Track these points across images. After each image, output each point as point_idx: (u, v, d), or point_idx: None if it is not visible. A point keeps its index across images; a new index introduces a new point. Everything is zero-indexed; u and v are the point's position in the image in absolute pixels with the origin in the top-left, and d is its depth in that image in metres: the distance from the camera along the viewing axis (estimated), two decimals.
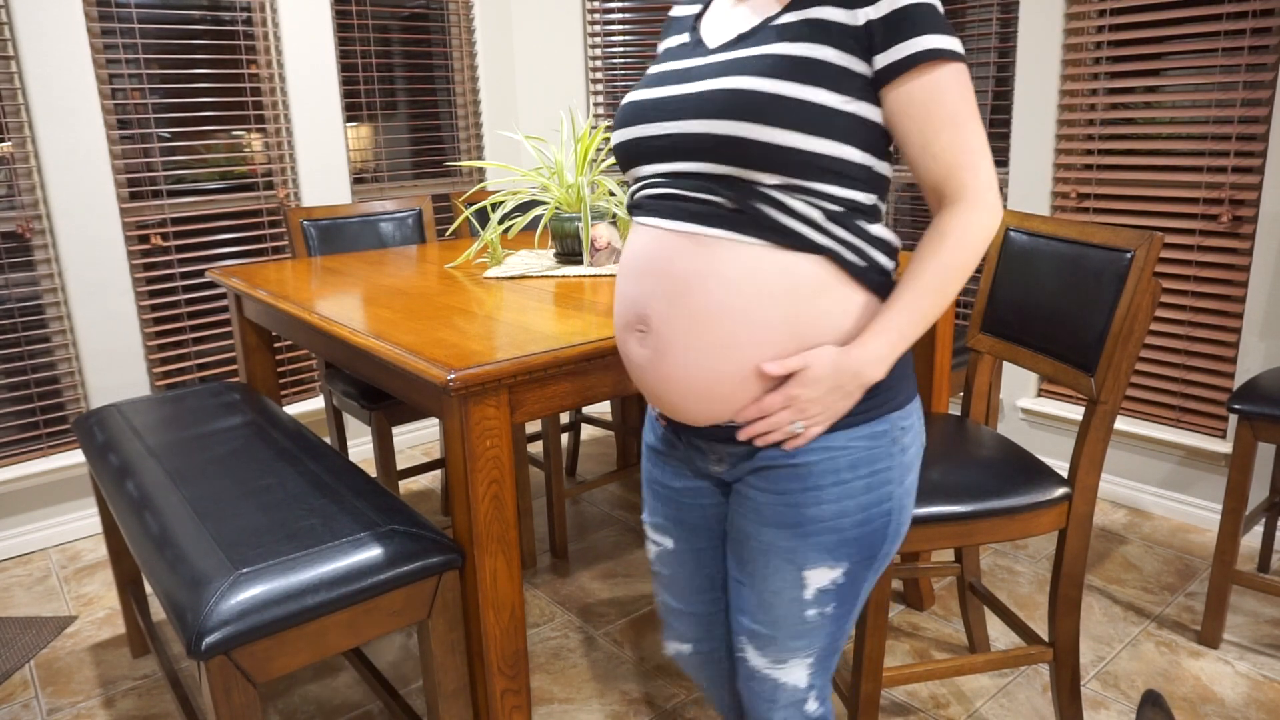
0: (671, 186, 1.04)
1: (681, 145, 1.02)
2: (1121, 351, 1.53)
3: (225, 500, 1.55)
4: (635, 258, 1.08)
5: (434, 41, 3.51)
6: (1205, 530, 2.63)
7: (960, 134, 0.98)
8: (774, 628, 1.12)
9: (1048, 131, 2.78)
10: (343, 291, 1.97)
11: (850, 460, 1.04)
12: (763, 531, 1.09)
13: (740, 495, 1.12)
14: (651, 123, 1.06)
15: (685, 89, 1.03)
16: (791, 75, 0.95)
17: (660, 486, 1.24)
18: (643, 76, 1.14)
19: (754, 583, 1.12)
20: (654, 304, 1.03)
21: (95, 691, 2.06)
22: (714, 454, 1.13)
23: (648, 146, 1.06)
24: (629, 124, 1.09)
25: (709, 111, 0.98)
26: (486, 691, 1.50)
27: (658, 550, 1.29)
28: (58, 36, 2.62)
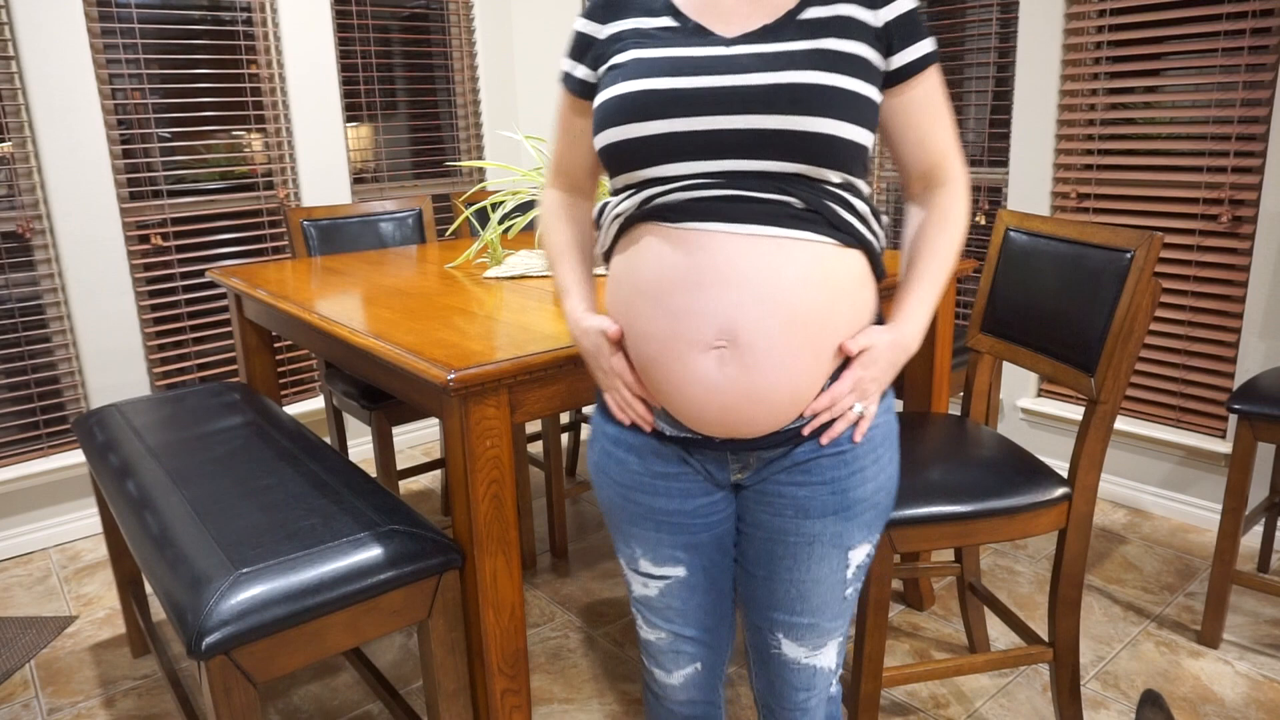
0: (731, 187, 0.97)
1: (743, 141, 0.95)
2: (1121, 351, 1.53)
3: (225, 500, 1.55)
4: (702, 265, 0.97)
5: (434, 41, 3.51)
6: (1205, 530, 2.63)
7: (949, 127, 1.09)
8: (815, 614, 1.14)
9: (1048, 131, 2.78)
10: (343, 291, 1.97)
11: (881, 436, 1.09)
12: (806, 524, 1.10)
13: (768, 495, 1.11)
14: (690, 116, 0.96)
15: (729, 81, 0.96)
16: (850, 70, 0.97)
17: (665, 516, 1.14)
18: (627, 63, 1.02)
19: (790, 575, 1.12)
20: (743, 315, 0.96)
21: (95, 691, 2.06)
22: (739, 462, 1.09)
23: (687, 143, 0.97)
24: (651, 116, 0.98)
25: (800, 108, 0.94)
26: (486, 691, 1.50)
27: (663, 585, 1.19)
28: (58, 36, 2.62)
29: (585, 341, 1.13)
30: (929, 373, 2.13)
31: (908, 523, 1.52)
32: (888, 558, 1.54)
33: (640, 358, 1.05)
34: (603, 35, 1.08)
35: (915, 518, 1.52)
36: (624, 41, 1.05)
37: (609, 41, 1.07)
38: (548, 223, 1.21)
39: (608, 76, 1.04)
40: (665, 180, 1.00)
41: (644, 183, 1.01)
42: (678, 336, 0.99)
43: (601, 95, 1.03)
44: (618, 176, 1.05)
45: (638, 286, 1.02)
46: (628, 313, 1.05)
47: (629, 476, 1.14)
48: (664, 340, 1.00)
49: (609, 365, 1.10)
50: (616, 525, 1.19)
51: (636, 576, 1.20)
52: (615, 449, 1.14)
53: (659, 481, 1.12)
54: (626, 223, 1.04)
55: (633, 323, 1.04)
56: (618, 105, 1.00)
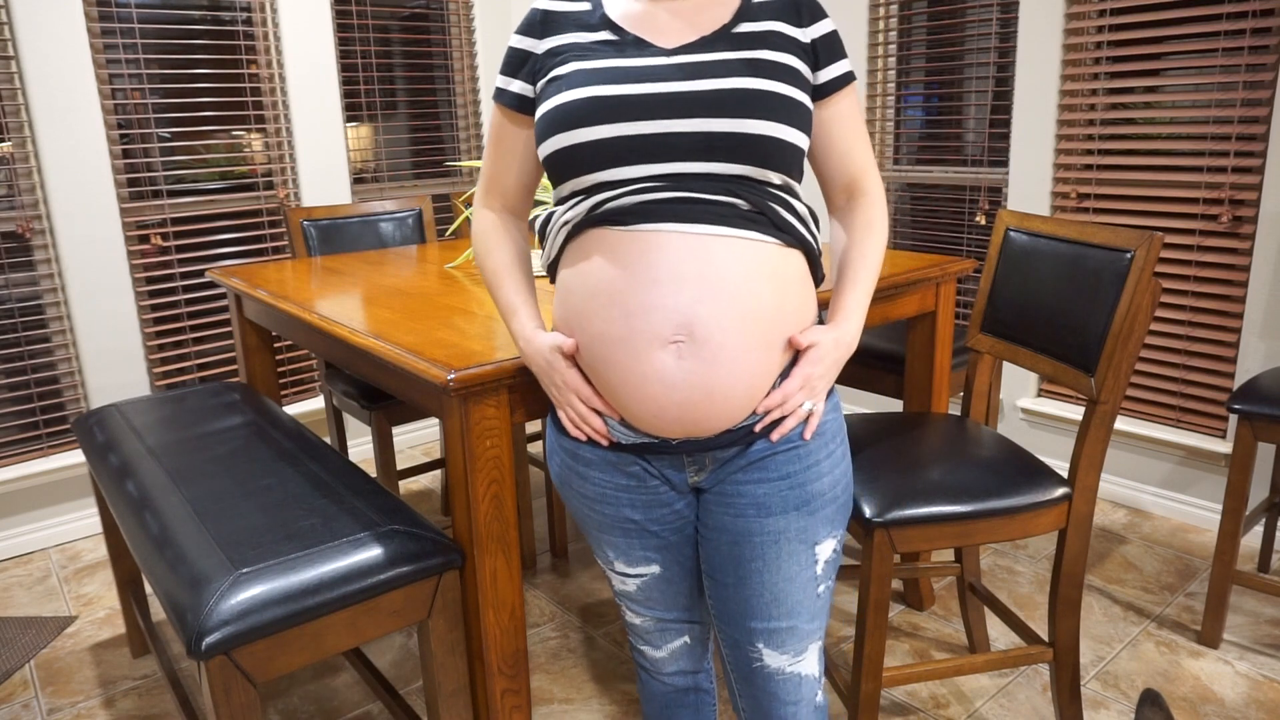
0: (679, 189, 0.99)
1: (691, 144, 0.99)
2: (1121, 351, 1.53)
3: (225, 500, 1.55)
4: (656, 263, 0.99)
5: (434, 41, 3.51)
6: (1205, 530, 2.63)
7: (867, 142, 1.17)
8: (792, 616, 1.14)
9: (1048, 131, 2.78)
10: (343, 291, 1.97)
11: (831, 431, 1.13)
12: (769, 522, 1.10)
13: (727, 495, 1.11)
14: (637, 120, 0.99)
15: (676, 87, 0.99)
16: (786, 79, 1.03)
17: (632, 524, 1.16)
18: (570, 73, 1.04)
19: (761, 578, 1.12)
20: (701, 310, 0.99)
21: (95, 691, 2.06)
22: (695, 464, 1.11)
23: (634, 146, 0.99)
24: (598, 121, 1.00)
25: (746, 111, 0.99)
26: (486, 691, 1.50)
27: (640, 582, 1.22)
28: (58, 36, 2.62)
29: (538, 359, 1.13)
30: (929, 373, 2.13)
31: (908, 523, 1.52)
32: (888, 558, 1.54)
33: (596, 361, 1.05)
34: (539, 50, 1.10)
35: (915, 518, 1.52)
36: (563, 55, 1.07)
37: (546, 56, 1.09)
38: (485, 244, 1.20)
39: (549, 88, 1.06)
40: (613, 184, 1.02)
41: (591, 188, 1.03)
42: (636, 334, 1.01)
43: (545, 105, 1.05)
44: (564, 184, 1.06)
45: (591, 290, 1.04)
46: (581, 319, 1.05)
47: (591, 489, 1.16)
48: (621, 339, 1.02)
49: (563, 380, 1.11)
50: (587, 531, 1.22)
51: (614, 575, 1.24)
52: (574, 463, 1.16)
53: (621, 494, 1.14)
54: (574, 229, 1.05)
55: (587, 327, 1.05)
56: (564, 112, 1.02)
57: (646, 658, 1.33)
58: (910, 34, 3.18)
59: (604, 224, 1.02)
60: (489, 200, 1.22)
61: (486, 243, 1.20)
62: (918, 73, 3.20)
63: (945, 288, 2.09)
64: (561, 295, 1.10)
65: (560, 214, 1.08)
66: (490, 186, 1.21)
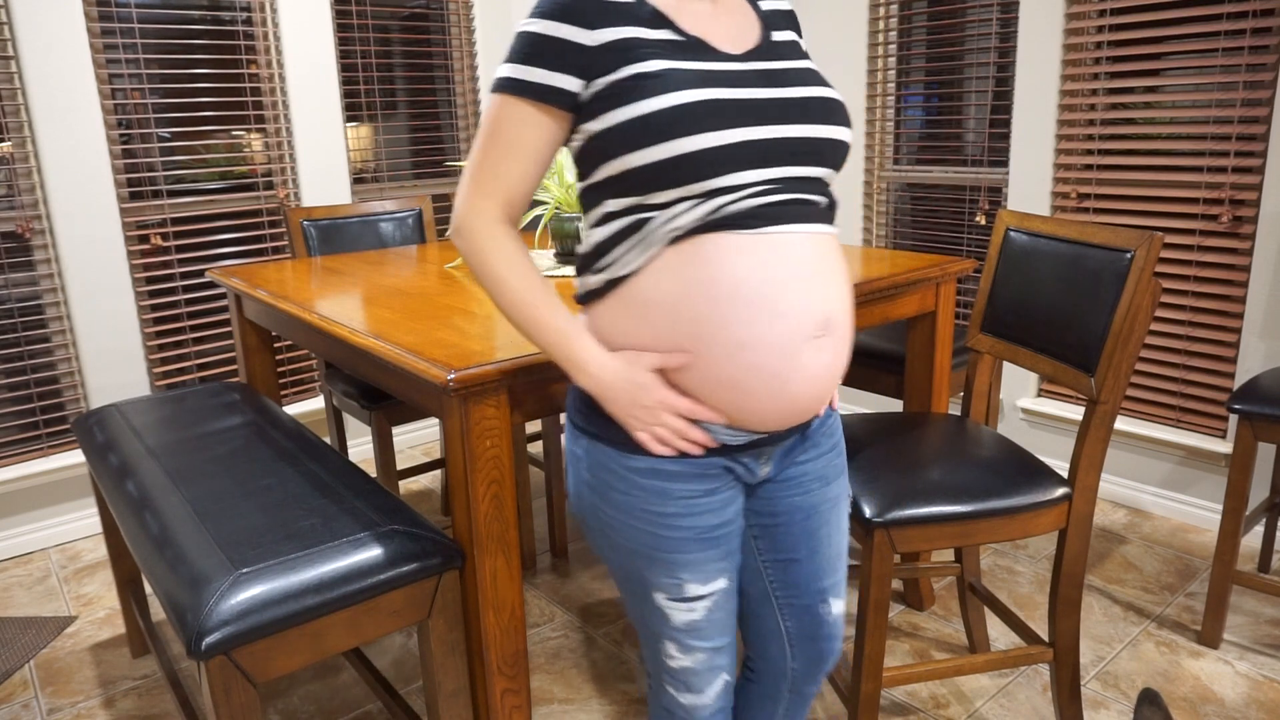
0: (787, 191, 1.01)
1: (799, 149, 1.02)
2: (1121, 351, 1.53)
3: (225, 500, 1.55)
4: (794, 263, 1.00)
5: (434, 41, 3.51)
6: (1205, 530, 2.63)
7: None
8: (842, 564, 1.26)
9: (1048, 131, 2.78)
10: (343, 291, 1.97)
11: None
12: (830, 489, 1.20)
13: (793, 479, 1.18)
14: (758, 125, 0.99)
15: (785, 93, 1.02)
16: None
17: (711, 531, 1.11)
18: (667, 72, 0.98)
19: (830, 541, 1.22)
20: (835, 305, 1.05)
21: (95, 691, 2.06)
22: (765, 456, 1.14)
23: (754, 151, 0.98)
24: (721, 126, 0.97)
25: (832, 118, 1.05)
26: (486, 691, 1.50)
27: (711, 602, 1.14)
28: (58, 36, 2.62)
29: (621, 383, 1.04)
30: (929, 373, 2.13)
31: (908, 523, 1.52)
32: (888, 558, 1.54)
33: (722, 368, 1.01)
34: (592, 42, 1.00)
35: (915, 518, 1.52)
36: (635, 51, 0.99)
37: (605, 51, 1.00)
38: (505, 256, 1.07)
39: (631, 86, 0.98)
40: (730, 189, 0.98)
41: (707, 193, 0.98)
42: (785, 335, 1.01)
43: (646, 106, 0.97)
44: (661, 191, 0.99)
45: (720, 296, 0.99)
46: (704, 326, 1.00)
47: (672, 503, 1.08)
48: (767, 342, 1.00)
49: (658, 400, 1.04)
50: (654, 562, 1.11)
51: (680, 605, 1.13)
52: (651, 481, 1.08)
53: (703, 499, 1.10)
54: (683, 235, 1.00)
55: (716, 335, 1.00)
56: (680, 114, 0.96)
57: (684, 706, 1.23)
58: (910, 34, 3.18)
59: (724, 228, 0.99)
60: (491, 204, 1.08)
61: (508, 256, 1.06)
62: (918, 73, 3.20)
63: (945, 288, 2.09)
64: (661, 306, 1.01)
65: (665, 219, 1.00)
66: (493, 188, 1.07)
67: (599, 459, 1.10)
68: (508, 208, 1.08)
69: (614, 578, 1.19)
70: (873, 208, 3.40)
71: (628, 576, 1.15)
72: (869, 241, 3.44)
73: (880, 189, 3.37)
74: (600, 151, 1.02)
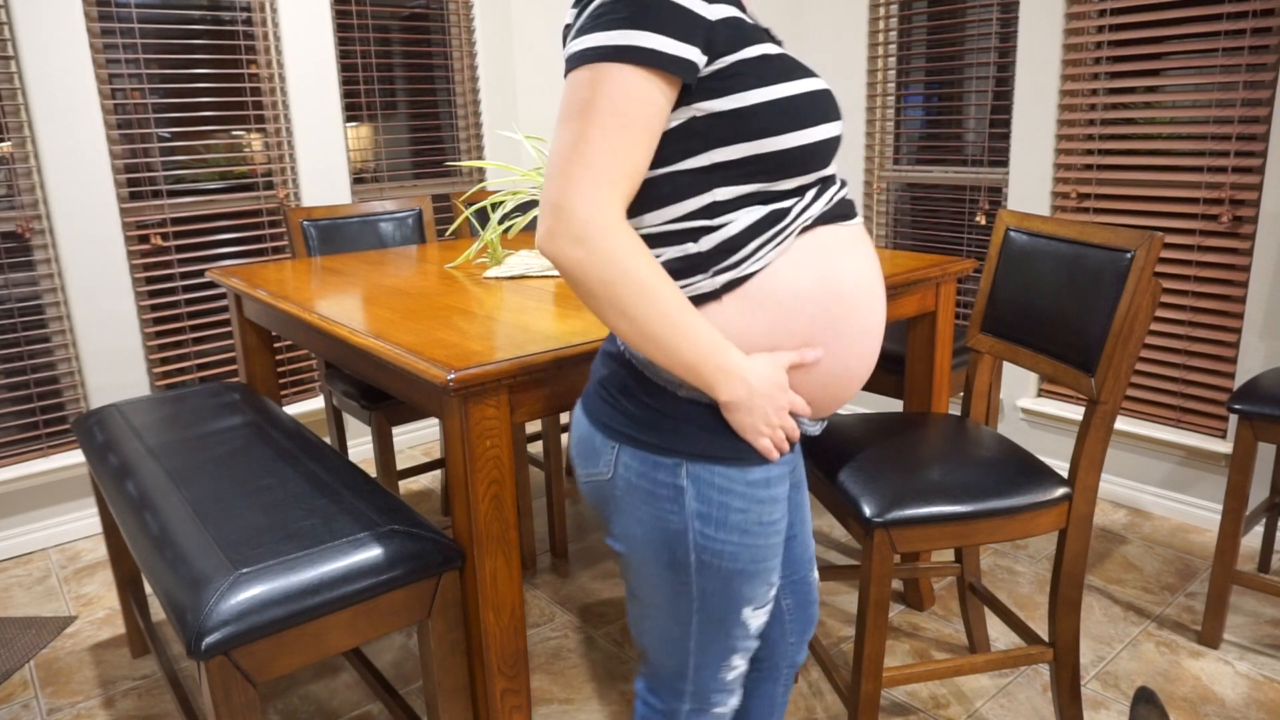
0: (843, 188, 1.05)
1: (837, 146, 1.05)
2: (1121, 352, 1.53)
3: (225, 500, 1.55)
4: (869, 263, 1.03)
5: (434, 41, 3.51)
6: (1205, 530, 2.63)
7: None
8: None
9: (1048, 131, 2.78)
10: (343, 291, 1.97)
11: None
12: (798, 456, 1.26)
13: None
14: (839, 119, 1.00)
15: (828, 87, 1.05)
16: None
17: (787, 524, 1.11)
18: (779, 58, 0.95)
19: (806, 511, 1.30)
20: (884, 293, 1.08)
21: (95, 691, 2.06)
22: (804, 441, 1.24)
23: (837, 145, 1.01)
24: (831, 117, 0.97)
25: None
26: (486, 691, 1.50)
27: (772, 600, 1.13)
28: (58, 36, 2.62)
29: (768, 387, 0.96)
30: (929, 373, 2.13)
31: (908, 523, 1.52)
32: (888, 558, 1.54)
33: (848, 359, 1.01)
34: (713, 17, 0.91)
35: (915, 518, 1.52)
36: (748, 31, 0.93)
37: (722, 27, 0.91)
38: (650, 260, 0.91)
39: (757, 69, 0.92)
40: (831, 179, 1.02)
41: (820, 181, 0.99)
42: (881, 321, 1.05)
43: (788, 88, 0.92)
44: (796, 177, 0.95)
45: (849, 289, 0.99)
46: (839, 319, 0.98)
47: (779, 508, 1.04)
48: (878, 329, 1.05)
49: (789, 401, 0.98)
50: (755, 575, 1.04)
51: (763, 610, 1.09)
52: (765, 491, 1.01)
53: (787, 497, 1.08)
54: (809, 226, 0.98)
55: (846, 327, 0.99)
56: (813, 102, 0.94)
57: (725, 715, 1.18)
58: (910, 34, 3.18)
59: (837, 219, 1.01)
60: (619, 199, 0.91)
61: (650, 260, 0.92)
62: (918, 73, 3.20)
63: (945, 288, 2.09)
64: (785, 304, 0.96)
65: (798, 210, 0.96)
66: (623, 179, 0.90)
67: (713, 482, 0.99)
68: (628, 202, 0.93)
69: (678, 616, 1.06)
70: (873, 208, 3.40)
71: (714, 605, 1.04)
72: None
73: (880, 189, 3.37)
74: (719, 133, 0.93)
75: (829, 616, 2.26)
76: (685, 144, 0.94)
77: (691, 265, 0.97)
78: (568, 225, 0.89)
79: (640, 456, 1.00)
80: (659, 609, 1.08)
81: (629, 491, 1.02)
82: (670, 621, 1.08)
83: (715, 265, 0.96)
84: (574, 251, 0.89)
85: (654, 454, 0.99)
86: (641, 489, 1.01)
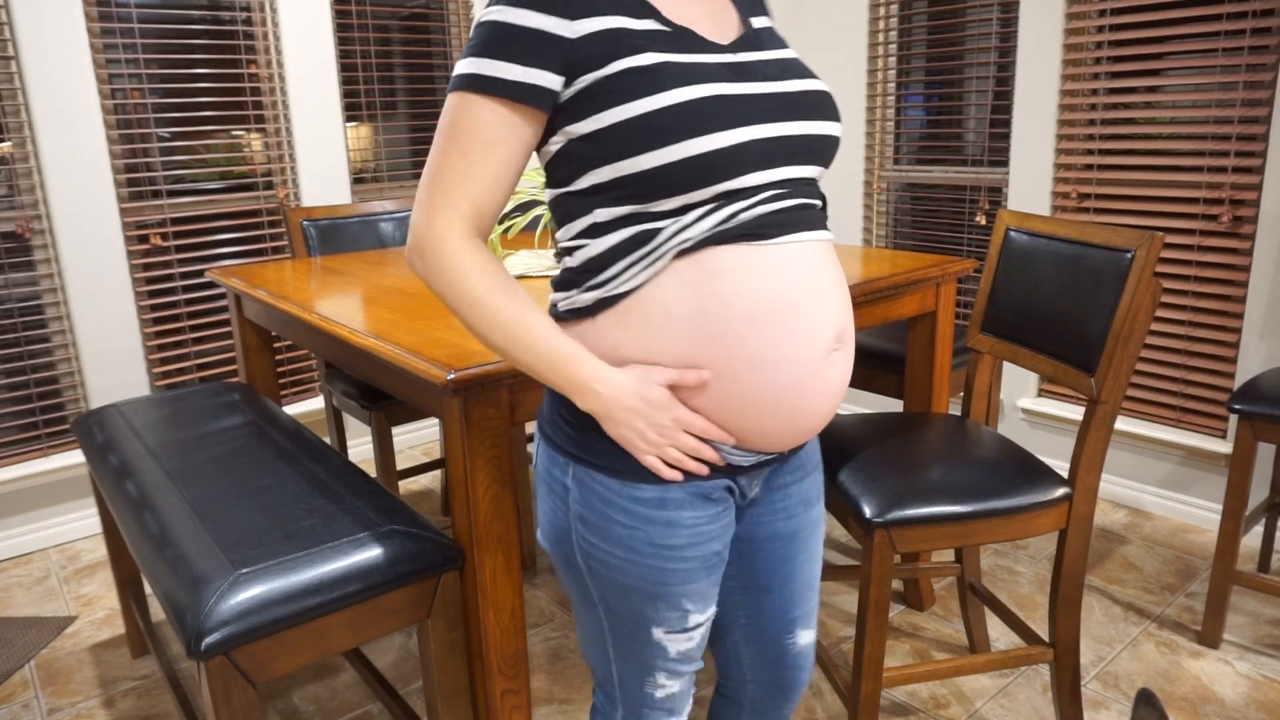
0: (794, 195, 0.95)
1: (802, 147, 0.95)
2: (1122, 351, 1.53)
3: (225, 500, 1.55)
4: (807, 275, 0.94)
5: (434, 41, 3.51)
6: (1205, 530, 2.63)
7: None
8: (813, 593, 1.19)
9: (1048, 131, 2.78)
10: (343, 291, 1.97)
11: None
12: (813, 512, 1.15)
13: (776, 501, 1.11)
14: (760, 123, 0.91)
15: (782, 87, 0.95)
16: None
17: (716, 556, 1.04)
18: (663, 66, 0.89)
19: (805, 569, 1.16)
20: (845, 316, 0.99)
21: (95, 691, 2.06)
22: (759, 476, 1.08)
23: (760, 150, 0.92)
24: (729, 124, 0.89)
25: (827, 113, 0.99)
26: (486, 691, 1.50)
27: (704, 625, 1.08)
28: (58, 36, 2.62)
29: (632, 401, 0.94)
30: (929, 373, 2.13)
31: (908, 523, 1.52)
32: (888, 558, 1.54)
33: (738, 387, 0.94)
34: (574, 35, 0.90)
35: (915, 518, 1.52)
36: (624, 43, 0.90)
37: (590, 43, 0.90)
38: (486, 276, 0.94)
39: (625, 82, 0.89)
40: (740, 194, 0.92)
41: (717, 199, 0.91)
42: (807, 351, 0.94)
43: (642, 105, 0.88)
44: (672, 197, 0.91)
45: (738, 315, 0.92)
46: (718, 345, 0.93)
47: (683, 533, 1.00)
48: (789, 359, 0.94)
49: (674, 418, 0.95)
50: (657, 598, 1.03)
51: (680, 636, 1.07)
52: (658, 512, 0.99)
53: (710, 526, 1.02)
54: (693, 247, 0.92)
55: (732, 354, 0.93)
56: (688, 112, 0.88)
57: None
58: (910, 34, 3.18)
59: (735, 239, 0.92)
60: (457, 219, 0.94)
61: (487, 275, 0.95)
62: (918, 73, 3.20)
63: (945, 288, 2.09)
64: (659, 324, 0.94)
65: (671, 231, 0.92)
66: (463, 201, 0.94)
67: (594, 490, 1.00)
68: (476, 222, 0.96)
69: (590, 618, 1.08)
70: (873, 208, 3.40)
71: (620, 617, 1.05)
72: (869, 241, 3.44)
73: (880, 189, 3.37)
74: (588, 156, 0.92)
75: (829, 616, 2.26)
76: (566, 168, 0.96)
77: (568, 281, 1.00)
78: (412, 239, 0.97)
79: (547, 452, 1.05)
80: (577, 610, 1.11)
81: (539, 483, 1.08)
82: (588, 623, 1.10)
83: (585, 283, 0.97)
84: (415, 264, 0.97)
85: (553, 450, 1.04)
86: (545, 482, 1.06)
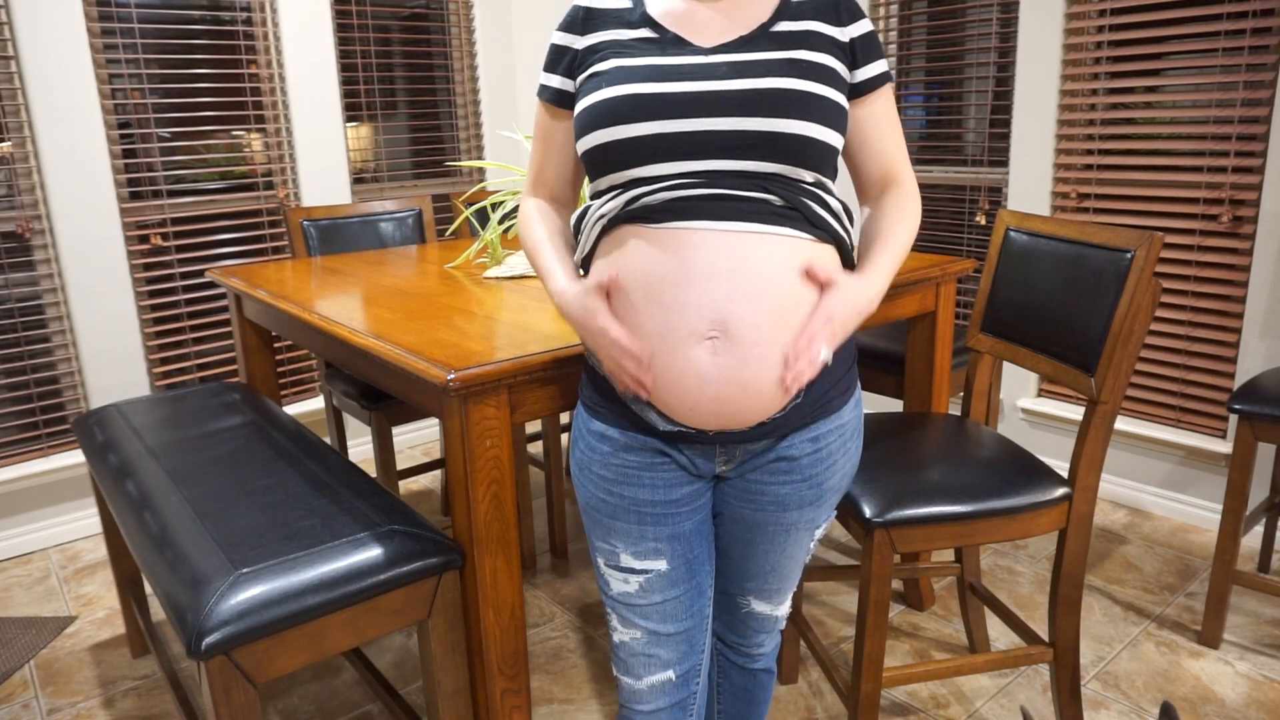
0: (715, 186, 1.02)
1: (724, 142, 1.01)
2: (1121, 351, 1.53)
3: (225, 500, 1.55)
4: (696, 261, 1.00)
5: (434, 41, 3.51)
6: (1205, 530, 2.63)
7: (901, 139, 1.20)
8: (784, 580, 1.27)
9: (1048, 131, 2.78)
10: (343, 291, 1.97)
11: (851, 430, 1.19)
12: (785, 516, 1.19)
13: (749, 490, 1.18)
14: (673, 119, 1.01)
15: (709, 86, 1.02)
16: (821, 78, 1.05)
17: (649, 507, 1.15)
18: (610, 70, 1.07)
19: (766, 557, 1.24)
20: (736, 307, 1.00)
21: (95, 691, 2.06)
22: (725, 454, 1.13)
23: (670, 144, 1.02)
24: (636, 119, 1.02)
25: (776, 110, 1.01)
26: (486, 691, 1.50)
27: (644, 580, 1.18)
28: (58, 36, 2.62)
29: (574, 307, 1.09)
30: (929, 373, 2.13)
31: (908, 523, 1.52)
32: (888, 558, 1.54)
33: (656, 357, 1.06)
34: (580, 46, 1.13)
35: (915, 518, 1.52)
36: (603, 51, 1.10)
37: (587, 52, 1.12)
38: (527, 225, 1.23)
39: (589, 84, 1.08)
40: (649, 180, 1.04)
41: (627, 184, 1.06)
42: (672, 329, 1.02)
43: (585, 101, 1.08)
44: (600, 179, 1.09)
45: (626, 285, 1.05)
46: (616, 312, 1.06)
47: (612, 470, 1.15)
48: (658, 334, 1.03)
49: (601, 325, 1.05)
50: (597, 521, 1.19)
51: (616, 572, 1.20)
52: (600, 444, 1.16)
53: (643, 473, 1.14)
54: (609, 224, 1.07)
55: (623, 319, 1.05)
56: (602, 109, 1.05)
57: (624, 691, 1.26)
58: (910, 34, 3.18)
59: (638, 220, 1.04)
60: (535, 191, 1.26)
61: (529, 223, 1.22)
62: (918, 73, 3.20)
63: (945, 288, 2.09)
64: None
65: (596, 208, 1.10)
66: (536, 179, 1.25)
67: (577, 419, 1.21)
68: (550, 192, 1.25)
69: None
70: None
71: (588, 535, 1.23)
72: None
73: None
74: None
75: (829, 616, 2.26)
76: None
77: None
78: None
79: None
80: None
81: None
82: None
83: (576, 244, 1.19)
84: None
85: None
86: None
